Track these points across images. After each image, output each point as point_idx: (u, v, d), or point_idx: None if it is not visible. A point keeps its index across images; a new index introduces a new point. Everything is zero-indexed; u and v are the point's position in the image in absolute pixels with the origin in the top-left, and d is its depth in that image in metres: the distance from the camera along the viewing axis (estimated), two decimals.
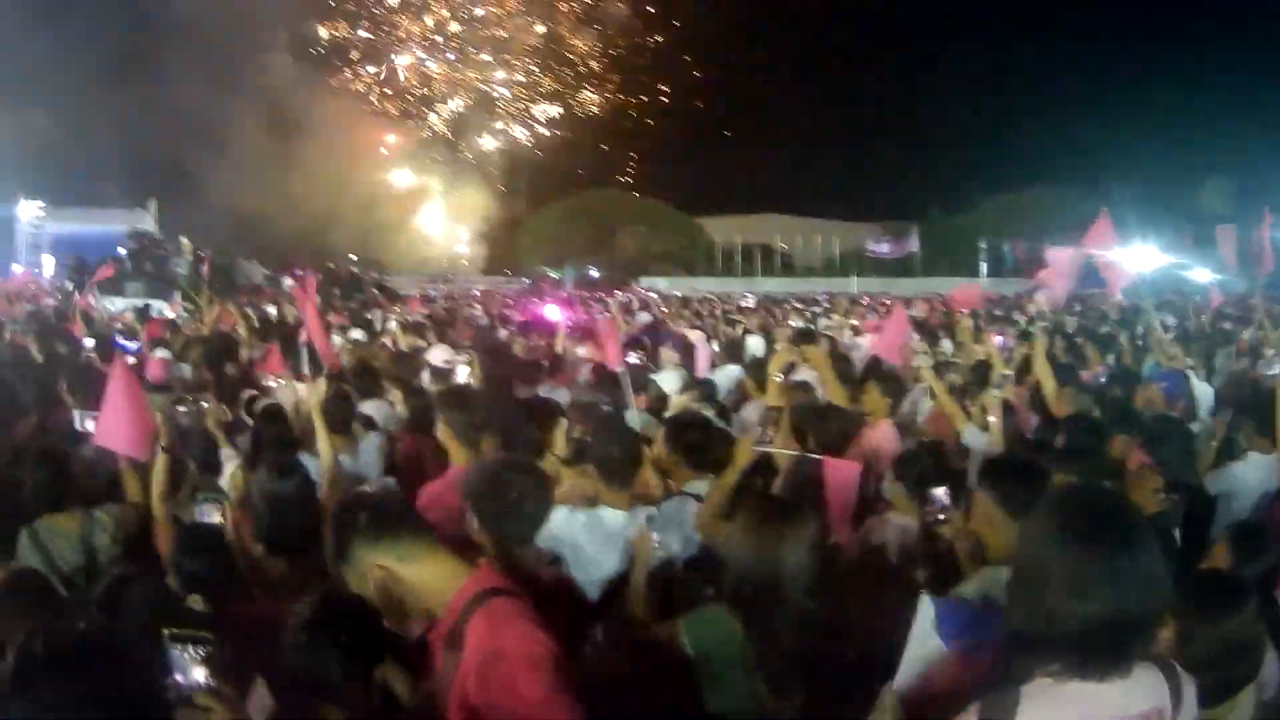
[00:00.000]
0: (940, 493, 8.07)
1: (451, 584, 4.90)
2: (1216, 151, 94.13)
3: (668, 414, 11.73)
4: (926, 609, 5.14)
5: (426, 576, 4.88)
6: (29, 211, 71.64)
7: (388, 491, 8.47)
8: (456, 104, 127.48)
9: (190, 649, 4.30)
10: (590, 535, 7.39)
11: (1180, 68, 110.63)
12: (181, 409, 9.79)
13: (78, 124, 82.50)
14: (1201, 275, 64.75)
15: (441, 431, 9.01)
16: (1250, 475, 10.20)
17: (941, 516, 7.72)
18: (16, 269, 61.97)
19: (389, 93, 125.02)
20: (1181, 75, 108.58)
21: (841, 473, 8.22)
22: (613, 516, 7.49)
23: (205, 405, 9.90)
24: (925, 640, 5.07)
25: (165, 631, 4.36)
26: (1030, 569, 4.10)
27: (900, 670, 5.17)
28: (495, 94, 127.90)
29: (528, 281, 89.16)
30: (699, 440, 8.95)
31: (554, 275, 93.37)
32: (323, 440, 9.61)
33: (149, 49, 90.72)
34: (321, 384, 12.35)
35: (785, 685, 5.85)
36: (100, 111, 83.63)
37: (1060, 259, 17.08)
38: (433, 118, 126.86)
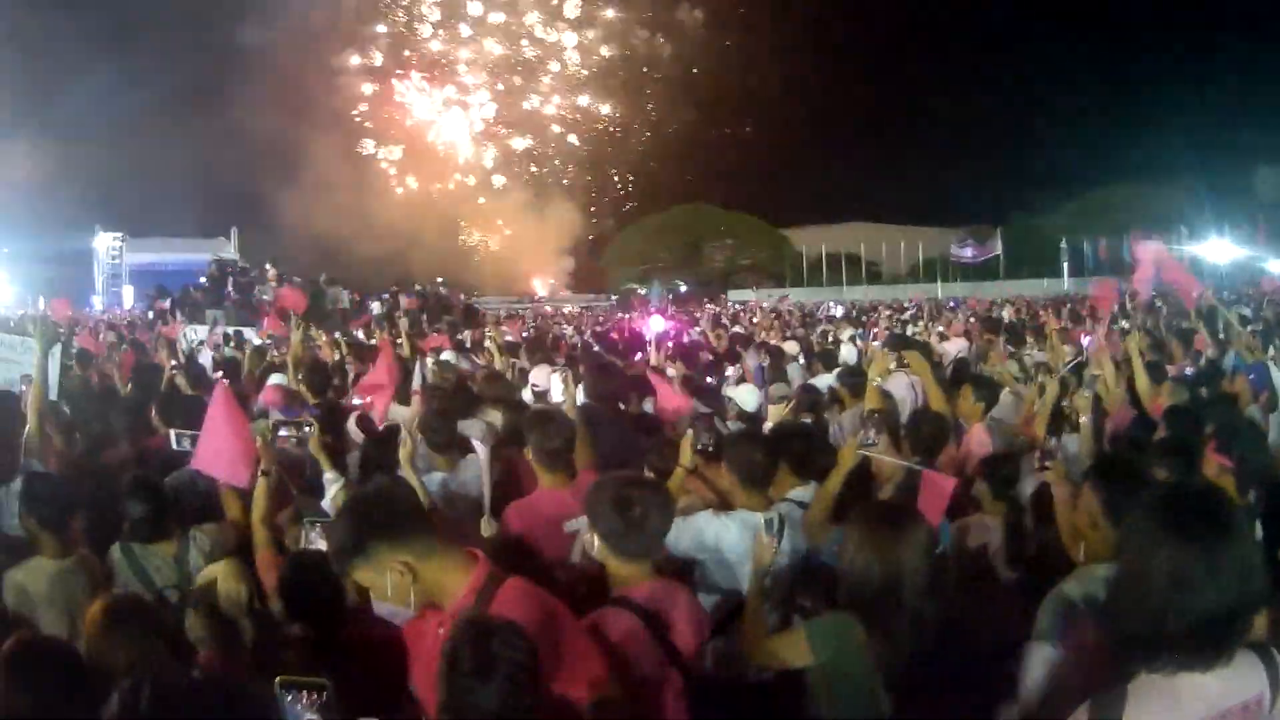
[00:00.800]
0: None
1: (461, 576, 5.31)
2: None
3: (768, 424, 11.56)
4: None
5: (439, 571, 5.24)
6: (105, 243, 71.90)
7: (398, 488, 8.45)
8: (539, 124, 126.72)
9: (304, 696, 4.36)
10: (739, 536, 7.55)
11: (1257, 60, 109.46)
12: (284, 433, 9.81)
13: (157, 155, 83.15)
14: (1276, 267, 64.13)
15: (528, 454, 8.78)
16: None
17: None
18: (96, 301, 62.56)
19: (472, 114, 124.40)
20: (1259, 67, 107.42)
21: (937, 486, 8.06)
22: (752, 517, 7.50)
23: (309, 428, 9.95)
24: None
25: (278, 679, 4.41)
26: (1135, 569, 4.18)
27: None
28: (578, 114, 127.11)
29: (615, 299, 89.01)
30: (803, 448, 8.99)
31: (642, 291, 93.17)
32: (405, 465, 9.39)
33: (227, 76, 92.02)
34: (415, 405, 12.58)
35: (905, 689, 5.99)
36: (180, 141, 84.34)
37: (1145, 257, 17.06)
38: (517, 140, 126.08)
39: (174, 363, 19.31)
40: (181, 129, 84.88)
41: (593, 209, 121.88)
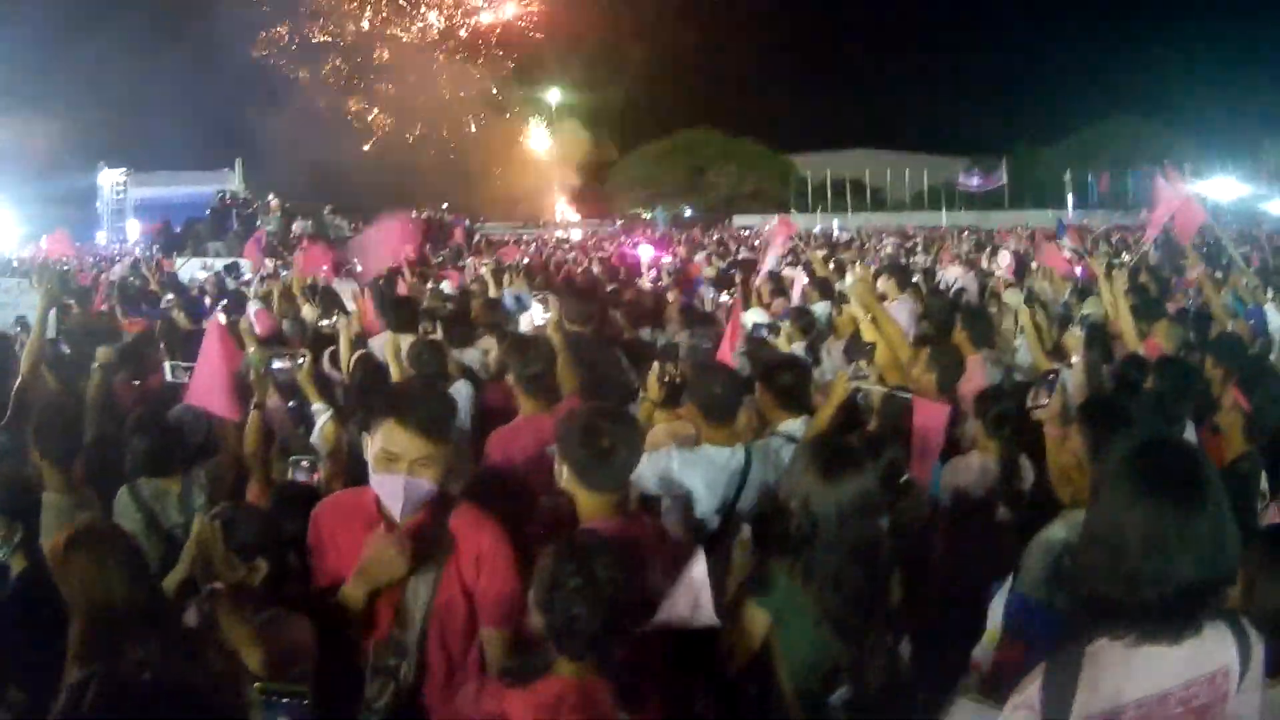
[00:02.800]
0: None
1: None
2: None
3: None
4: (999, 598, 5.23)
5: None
6: (110, 179, 71.87)
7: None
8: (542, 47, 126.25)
9: (282, 703, 4.29)
10: (699, 473, 7.34)
11: None
12: (277, 364, 9.69)
13: (161, 88, 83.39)
14: (1277, 208, 63.94)
15: (509, 381, 8.94)
16: None
17: None
18: (100, 236, 62.53)
19: (474, 37, 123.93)
20: (1269, 3, 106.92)
21: (929, 413, 8.12)
22: (718, 454, 7.45)
23: (301, 360, 9.86)
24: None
25: (256, 685, 4.35)
26: (1105, 528, 3.99)
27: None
28: (582, 36, 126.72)
29: (620, 224, 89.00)
30: (792, 380, 8.79)
31: (647, 217, 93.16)
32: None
33: (222, 7, 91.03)
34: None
35: (852, 631, 5.81)
36: (183, 73, 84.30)
37: (1167, 195, 16.57)
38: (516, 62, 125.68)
39: (169, 296, 19.50)
40: (184, 60, 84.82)
41: (594, 131, 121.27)
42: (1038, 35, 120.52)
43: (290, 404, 10.29)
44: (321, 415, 9.41)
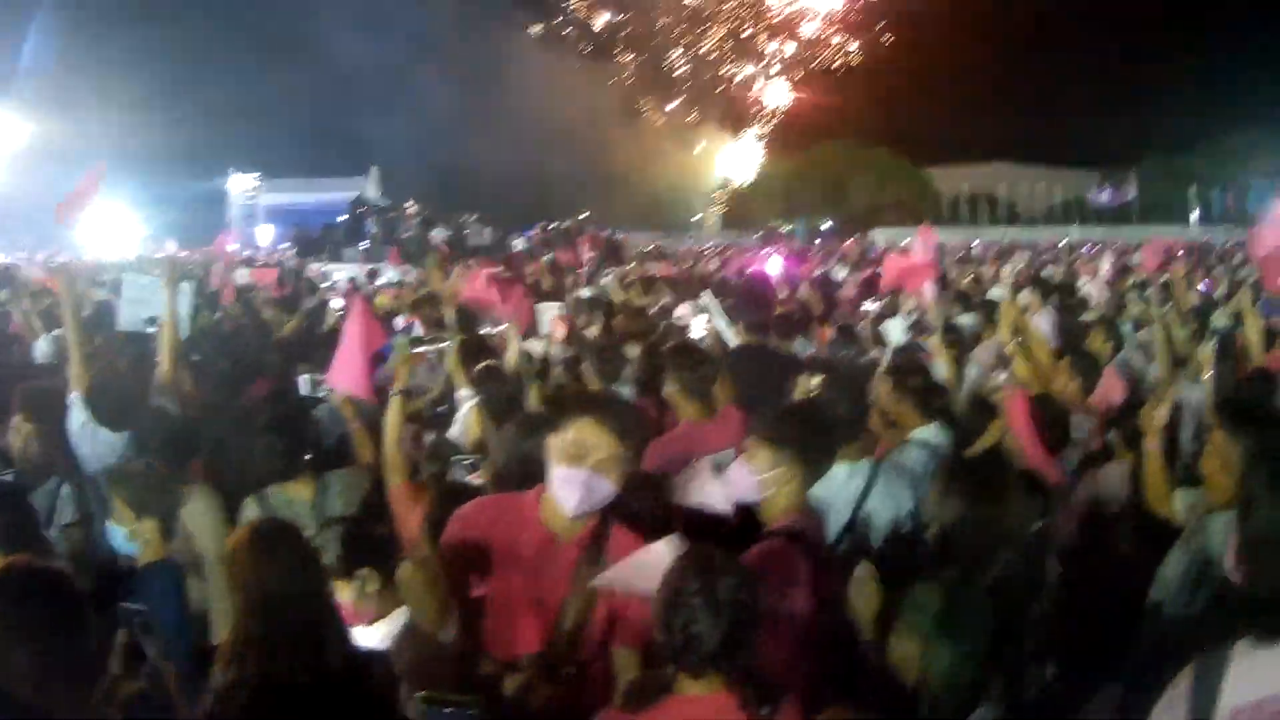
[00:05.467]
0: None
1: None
2: None
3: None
4: None
5: None
6: (241, 184, 72.66)
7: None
8: (689, 59, 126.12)
9: (446, 712, 4.33)
10: (823, 490, 6.87)
11: None
12: (421, 349, 9.84)
13: (296, 94, 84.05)
14: None
15: (669, 388, 8.77)
16: None
17: None
18: (228, 241, 63.51)
19: (621, 48, 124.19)
20: None
21: (1016, 407, 8.15)
22: (836, 470, 7.06)
23: (446, 344, 9.94)
24: None
25: (419, 695, 4.44)
26: (1264, 527, 4.03)
27: None
28: (727, 51, 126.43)
29: (759, 236, 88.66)
30: (922, 385, 9.01)
31: (785, 230, 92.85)
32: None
33: (363, 14, 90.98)
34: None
35: (1002, 653, 5.61)
36: (318, 79, 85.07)
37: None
38: (663, 72, 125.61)
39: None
40: (315, 65, 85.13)
41: (737, 142, 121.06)
42: (1171, 44, 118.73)
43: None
44: (467, 403, 9.59)
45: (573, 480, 5.44)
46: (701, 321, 13.29)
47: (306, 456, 8.24)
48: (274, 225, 63.77)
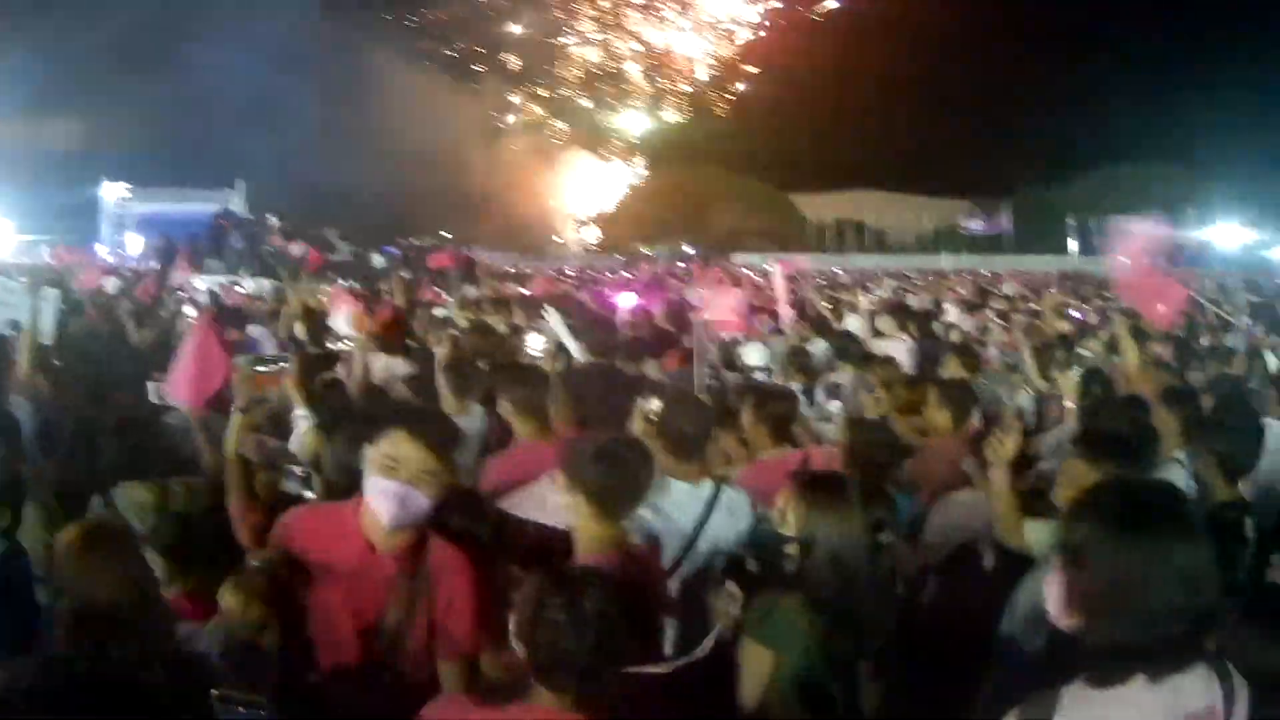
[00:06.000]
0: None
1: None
2: None
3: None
4: None
5: None
6: (114, 192, 72.32)
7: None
8: (553, 79, 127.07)
9: (240, 711, 4.27)
10: (654, 509, 6.88)
11: (1273, 42, 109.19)
12: (261, 369, 9.72)
13: (168, 107, 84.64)
14: None
15: (503, 407, 8.83)
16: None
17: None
18: (100, 249, 62.92)
19: (485, 69, 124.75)
20: (1274, 50, 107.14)
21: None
22: (678, 488, 7.19)
23: (286, 365, 9.83)
24: None
25: (213, 691, 4.37)
26: (1079, 567, 3.87)
27: None
28: (592, 69, 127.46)
29: (621, 259, 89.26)
30: (784, 411, 9.01)
31: (648, 252, 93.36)
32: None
33: (226, 28, 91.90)
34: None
35: (847, 661, 5.88)
36: (189, 92, 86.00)
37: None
38: (527, 95, 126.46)
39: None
40: (189, 78, 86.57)
41: (600, 164, 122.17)
42: (1044, 77, 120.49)
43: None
44: (303, 422, 9.44)
45: (387, 492, 5.47)
46: (540, 339, 13.39)
47: (151, 462, 8.50)
48: (142, 235, 63.19)
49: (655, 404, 8.42)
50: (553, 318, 13.18)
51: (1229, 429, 8.31)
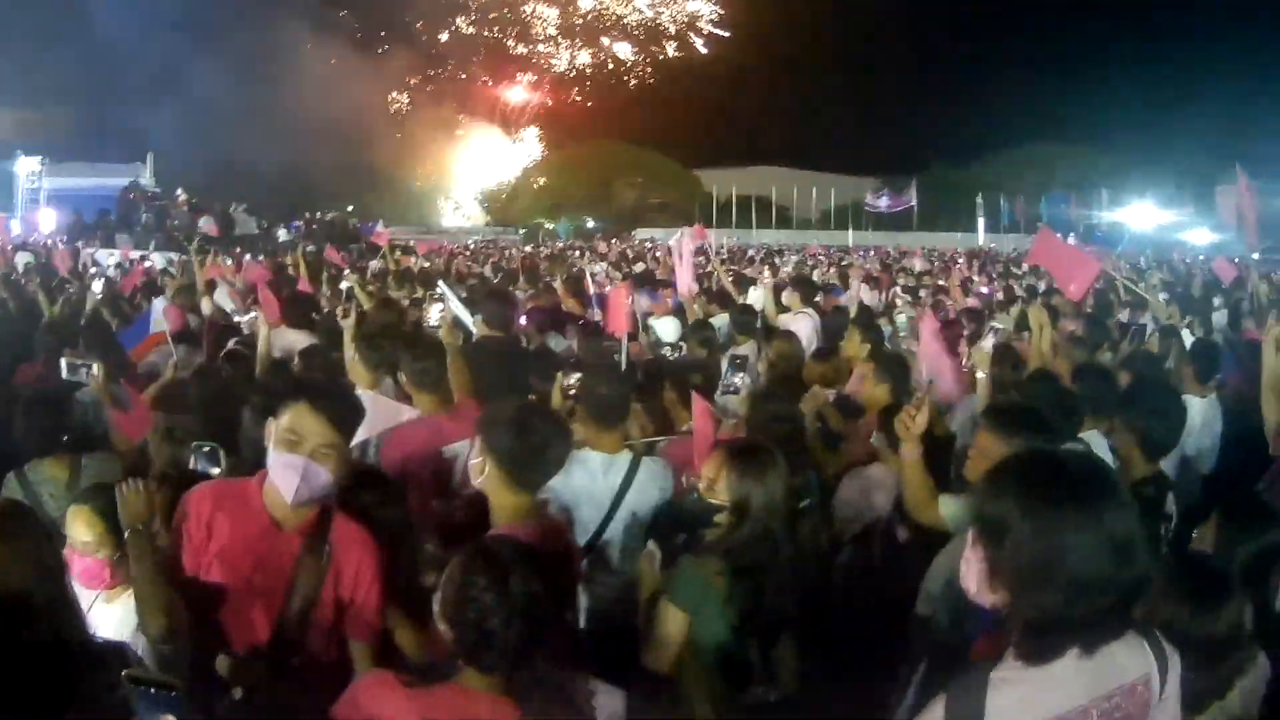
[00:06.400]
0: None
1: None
2: (1219, 112, 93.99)
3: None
4: None
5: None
6: (27, 167, 72.08)
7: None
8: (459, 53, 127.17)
9: (151, 694, 4.06)
10: (568, 479, 7.04)
11: (1184, 23, 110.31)
12: (67, 376, 9.75)
13: (80, 82, 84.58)
14: (1199, 236, 64.76)
15: (403, 379, 9.02)
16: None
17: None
18: (14, 224, 62.70)
19: (388, 45, 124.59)
20: (1185, 32, 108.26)
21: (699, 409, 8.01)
22: (595, 459, 7.34)
23: (94, 369, 9.73)
24: None
25: (125, 673, 4.14)
26: (1006, 552, 3.72)
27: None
28: (492, 43, 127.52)
29: (523, 233, 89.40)
30: (701, 384, 9.12)
31: (550, 227, 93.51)
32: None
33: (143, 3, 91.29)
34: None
35: (764, 629, 5.94)
36: (98, 67, 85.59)
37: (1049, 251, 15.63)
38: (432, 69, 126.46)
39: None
40: (99, 53, 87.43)
41: (502, 140, 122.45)
42: (954, 56, 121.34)
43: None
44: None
45: (290, 466, 5.45)
46: (436, 311, 13.15)
47: (64, 437, 8.40)
48: (54, 209, 63.13)
49: (572, 379, 8.46)
50: (447, 292, 13.10)
51: (1150, 408, 8.24)
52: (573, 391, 8.29)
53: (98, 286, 20.39)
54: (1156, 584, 4.47)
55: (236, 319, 14.77)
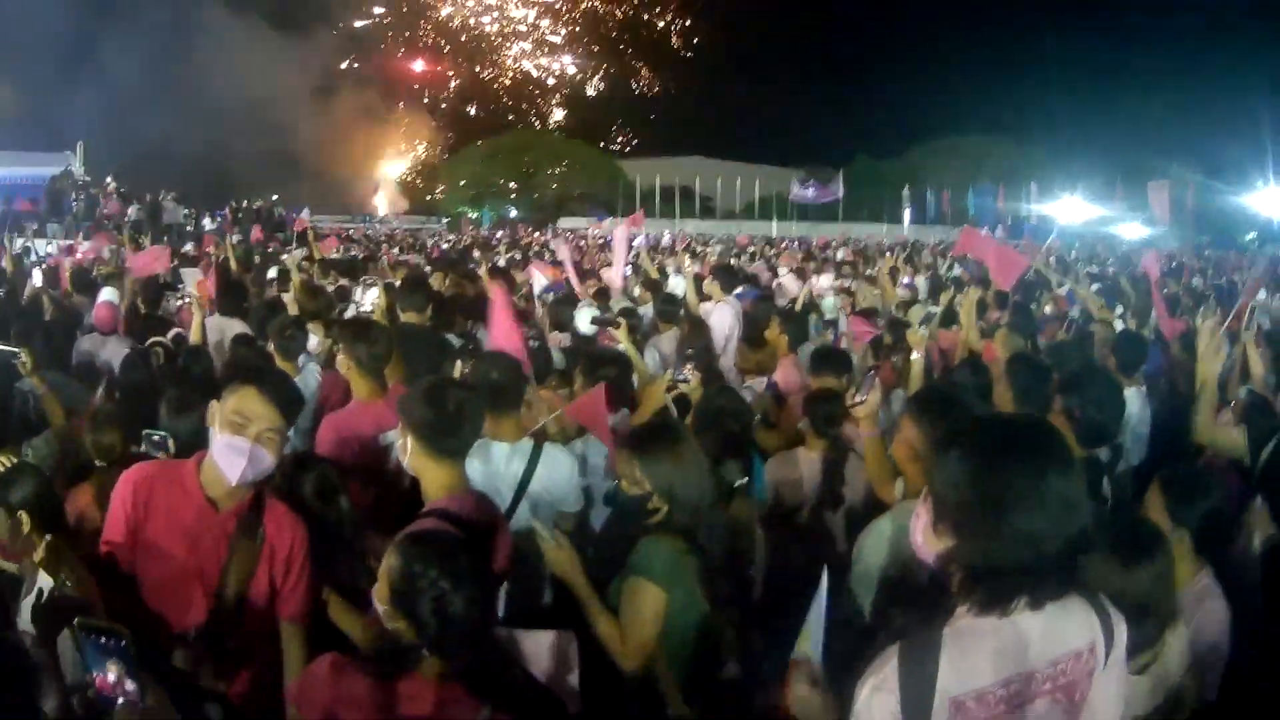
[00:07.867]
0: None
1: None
2: (1150, 104, 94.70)
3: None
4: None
5: None
6: None
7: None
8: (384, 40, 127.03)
9: (101, 641, 4.12)
10: (471, 469, 6.88)
11: (1114, 15, 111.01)
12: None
13: (6, 67, 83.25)
14: (1131, 230, 65.18)
15: (342, 363, 8.81)
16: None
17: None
18: None
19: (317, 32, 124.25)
20: (1116, 23, 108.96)
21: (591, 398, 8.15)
22: (497, 448, 7.46)
23: (20, 356, 9.73)
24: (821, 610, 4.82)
25: (75, 621, 4.19)
26: (953, 499, 3.84)
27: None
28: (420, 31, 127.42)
29: (445, 222, 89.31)
30: (615, 376, 8.98)
31: (473, 216, 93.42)
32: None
33: None
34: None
35: (729, 603, 5.99)
36: (28, 54, 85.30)
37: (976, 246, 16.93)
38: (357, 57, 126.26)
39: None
40: (29, 39, 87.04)
41: (426, 128, 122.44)
42: (881, 48, 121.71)
43: None
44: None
45: (236, 449, 5.55)
46: (371, 297, 13.82)
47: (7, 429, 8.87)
48: None
49: (464, 366, 8.82)
50: (374, 280, 13.19)
51: (1088, 396, 8.22)
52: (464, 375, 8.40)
53: (38, 277, 20.45)
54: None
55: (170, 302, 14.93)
